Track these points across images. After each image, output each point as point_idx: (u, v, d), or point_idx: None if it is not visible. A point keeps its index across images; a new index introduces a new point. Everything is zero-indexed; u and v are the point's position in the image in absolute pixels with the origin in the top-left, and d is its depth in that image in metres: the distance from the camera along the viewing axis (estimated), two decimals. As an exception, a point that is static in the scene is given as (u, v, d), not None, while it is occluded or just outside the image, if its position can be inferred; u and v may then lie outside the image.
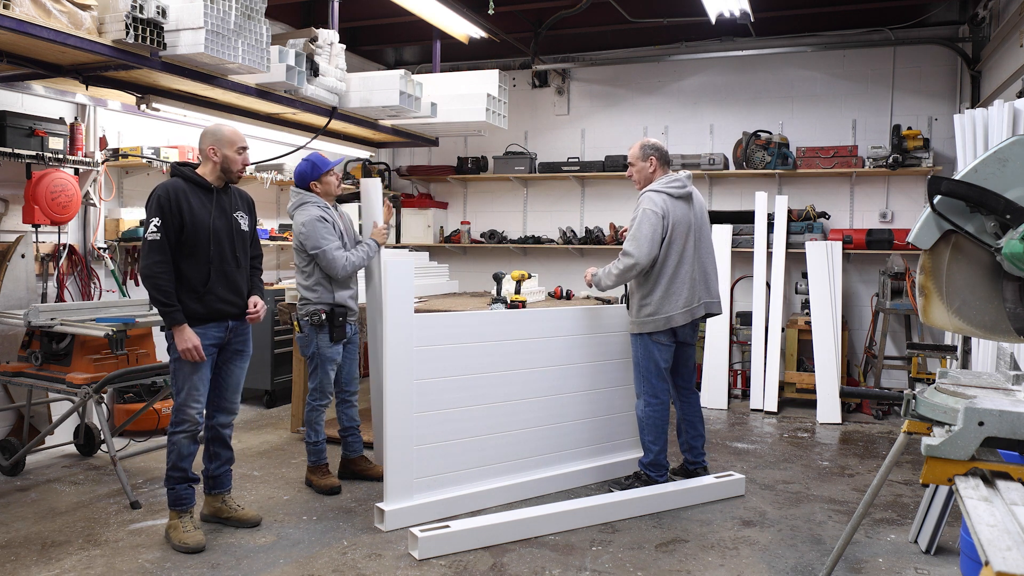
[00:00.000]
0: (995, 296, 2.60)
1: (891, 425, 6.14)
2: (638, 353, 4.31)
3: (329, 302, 4.19)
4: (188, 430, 3.57)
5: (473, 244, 8.30)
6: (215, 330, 3.60)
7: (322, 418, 4.34)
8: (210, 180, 3.61)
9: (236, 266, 3.64)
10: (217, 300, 3.57)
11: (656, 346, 4.25)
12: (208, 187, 3.60)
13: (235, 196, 3.75)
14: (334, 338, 4.20)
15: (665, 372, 4.29)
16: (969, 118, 5.04)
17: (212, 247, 3.54)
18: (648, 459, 4.32)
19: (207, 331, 3.56)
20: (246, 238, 3.74)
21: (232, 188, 3.75)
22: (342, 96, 5.42)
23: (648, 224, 4.13)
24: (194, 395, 3.56)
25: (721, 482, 4.35)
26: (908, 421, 2.65)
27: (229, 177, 3.65)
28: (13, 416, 4.88)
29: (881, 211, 7.16)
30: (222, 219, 3.60)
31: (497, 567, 3.39)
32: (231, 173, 3.64)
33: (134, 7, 3.78)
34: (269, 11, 4.51)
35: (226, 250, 3.60)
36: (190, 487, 3.63)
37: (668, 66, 7.80)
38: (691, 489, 4.25)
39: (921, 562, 3.51)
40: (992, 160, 2.52)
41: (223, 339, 3.65)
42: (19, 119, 4.63)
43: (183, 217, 3.47)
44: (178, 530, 3.54)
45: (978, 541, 1.57)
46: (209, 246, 3.53)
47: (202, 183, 3.59)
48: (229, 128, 3.66)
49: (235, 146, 3.63)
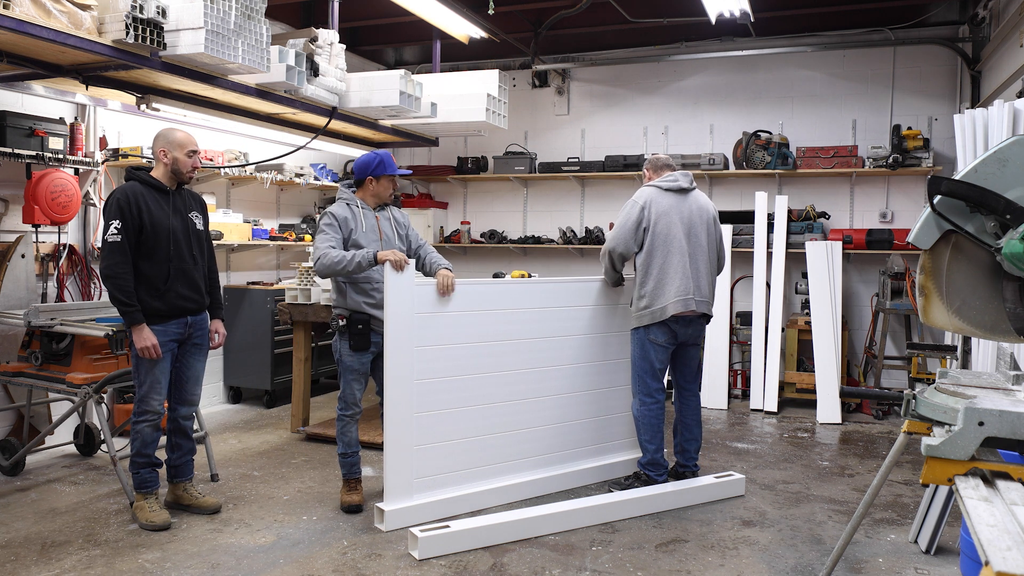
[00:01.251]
0: (995, 296, 2.60)
1: (891, 425, 6.14)
2: (635, 352, 4.35)
3: (343, 306, 4.04)
4: (150, 420, 3.79)
5: (473, 244, 8.30)
6: (175, 326, 3.80)
7: (349, 429, 4.08)
8: (164, 182, 3.79)
9: (193, 264, 3.85)
10: (177, 297, 3.77)
11: (652, 346, 4.26)
12: (163, 189, 3.78)
13: (188, 197, 3.94)
14: (353, 346, 3.99)
15: (659, 372, 4.31)
16: (969, 118, 5.04)
17: (171, 247, 3.74)
18: (646, 459, 4.33)
19: (168, 327, 3.76)
20: (202, 237, 3.95)
21: (184, 190, 3.93)
22: (342, 96, 5.42)
23: (624, 213, 4.35)
24: (156, 388, 3.78)
25: (721, 482, 4.35)
26: (908, 421, 2.65)
27: (180, 178, 3.83)
28: (13, 416, 4.88)
29: (881, 211, 7.16)
30: (178, 219, 3.80)
31: (497, 567, 3.39)
32: (181, 175, 3.81)
33: (134, 7, 3.78)
34: (269, 11, 4.51)
35: (183, 249, 3.80)
36: (154, 471, 3.86)
37: (668, 66, 7.80)
38: (691, 489, 4.25)
39: (921, 562, 3.51)
40: (992, 160, 2.52)
41: (183, 334, 3.86)
42: (19, 119, 4.63)
43: (142, 219, 3.65)
44: (144, 510, 3.79)
45: (978, 541, 1.57)
46: (168, 246, 3.72)
47: (157, 185, 3.77)
48: (181, 132, 3.84)
49: (185, 149, 3.79)
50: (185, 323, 3.83)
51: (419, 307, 3.86)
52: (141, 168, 3.89)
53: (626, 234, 4.29)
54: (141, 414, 3.78)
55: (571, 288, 4.50)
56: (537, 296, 4.35)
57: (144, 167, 3.87)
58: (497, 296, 4.21)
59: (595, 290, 4.56)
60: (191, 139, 3.84)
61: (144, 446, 3.81)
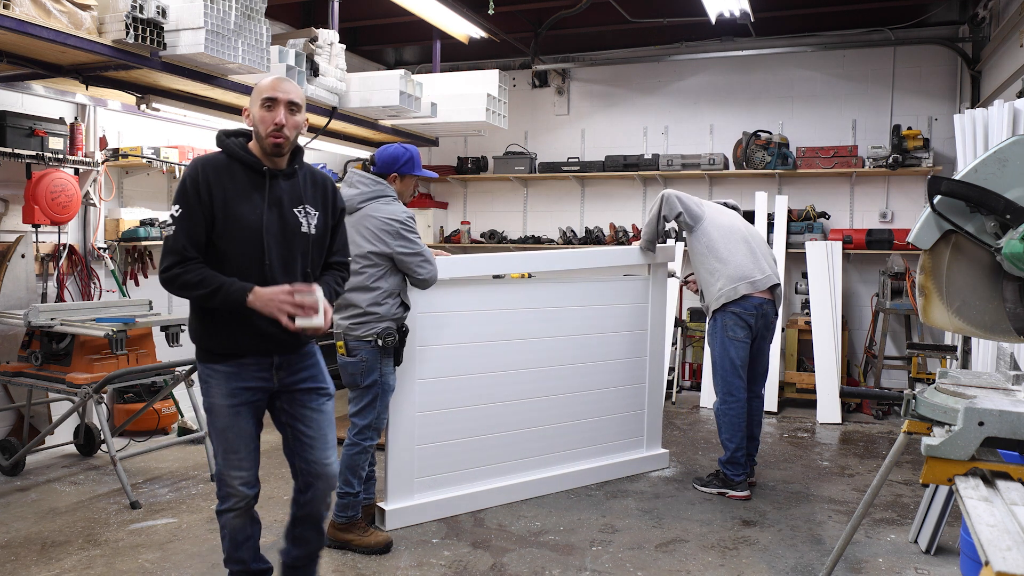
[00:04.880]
0: (995, 296, 2.60)
1: (891, 425, 6.14)
2: (715, 351, 4.40)
3: (386, 317, 3.41)
4: (234, 506, 2.64)
5: (473, 244, 8.29)
6: (254, 370, 2.60)
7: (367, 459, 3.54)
8: (258, 156, 2.59)
9: (289, 283, 2.53)
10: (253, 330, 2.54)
11: (732, 343, 4.31)
12: (255, 166, 2.58)
13: (305, 181, 2.69)
14: (397, 362, 3.54)
15: (741, 370, 4.34)
16: (969, 118, 5.03)
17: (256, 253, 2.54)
18: (725, 457, 4.35)
19: (243, 370, 2.59)
20: (310, 242, 2.64)
21: (305, 170, 2.72)
22: (342, 96, 5.42)
23: None
24: (232, 460, 2.61)
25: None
26: (908, 421, 2.65)
27: (267, 148, 2.55)
28: (13, 416, 4.88)
29: (881, 211, 7.16)
30: (274, 213, 2.57)
31: (497, 567, 3.39)
32: (263, 142, 2.55)
33: (134, 7, 3.78)
34: (269, 11, 4.51)
35: (273, 259, 2.55)
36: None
37: (668, 66, 7.79)
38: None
39: (921, 562, 3.51)
40: (992, 160, 2.52)
41: (268, 380, 2.63)
42: (19, 119, 4.63)
43: (214, 208, 2.50)
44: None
45: (978, 541, 1.56)
46: (251, 251, 2.53)
47: (247, 160, 2.57)
48: (269, 78, 2.62)
49: (260, 96, 2.54)
50: (270, 364, 2.62)
51: (421, 307, 3.86)
52: (239, 133, 2.65)
53: None
54: (221, 499, 2.67)
55: (571, 288, 4.50)
56: (537, 296, 4.35)
57: (244, 131, 2.66)
58: (497, 296, 4.22)
59: (595, 290, 4.56)
60: (274, 83, 2.55)
61: (234, 547, 2.69)
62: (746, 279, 4.29)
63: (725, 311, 4.32)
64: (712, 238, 4.38)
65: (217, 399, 2.59)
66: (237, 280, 2.48)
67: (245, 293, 2.46)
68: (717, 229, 4.40)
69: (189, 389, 4.54)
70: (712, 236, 4.39)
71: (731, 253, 4.34)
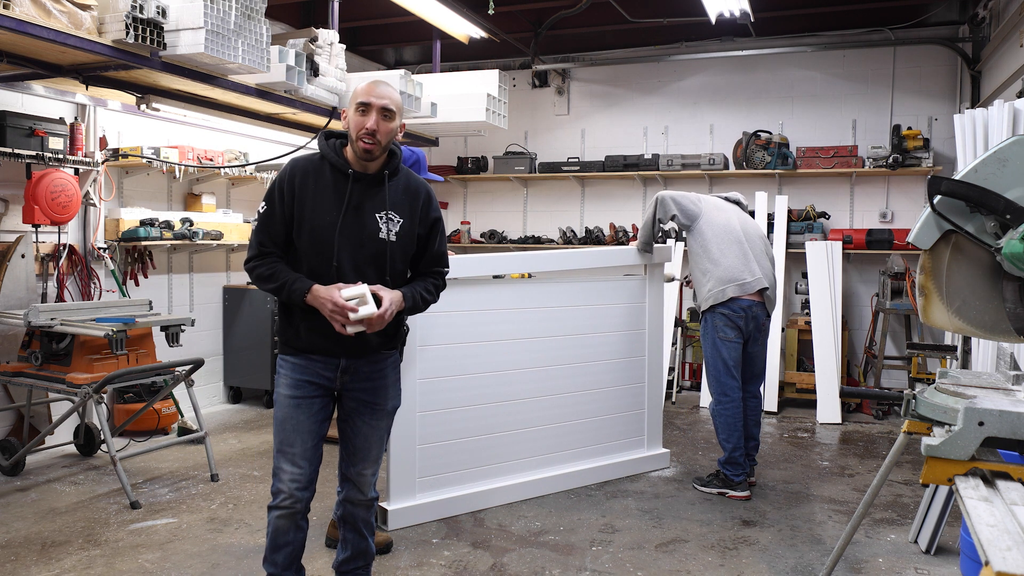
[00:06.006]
0: (995, 296, 2.60)
1: (891, 425, 6.14)
2: (707, 352, 4.42)
3: None
4: (280, 504, 2.61)
5: (473, 244, 8.29)
6: (319, 366, 2.61)
7: None
8: (350, 159, 2.59)
9: None
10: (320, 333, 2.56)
11: (723, 344, 4.32)
12: (342, 169, 2.57)
13: (399, 188, 2.65)
14: None
15: (734, 370, 4.35)
16: (969, 118, 5.03)
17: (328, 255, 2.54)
18: (724, 457, 4.36)
19: (310, 365, 2.60)
20: (387, 250, 2.59)
21: (400, 176, 2.66)
22: (342, 96, 5.42)
23: None
24: (286, 453, 2.60)
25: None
26: (908, 421, 2.65)
27: (358, 153, 2.54)
28: (13, 416, 4.88)
29: (881, 211, 7.16)
30: (353, 217, 2.55)
31: (497, 567, 3.39)
32: (354, 146, 2.54)
33: (134, 7, 3.78)
34: (269, 11, 4.51)
35: (343, 261, 2.54)
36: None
37: (668, 66, 7.79)
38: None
39: (921, 562, 3.51)
40: (992, 160, 2.52)
41: (332, 381, 2.63)
42: (19, 119, 4.62)
43: (295, 207, 2.54)
44: None
45: (978, 541, 1.56)
46: (324, 252, 2.54)
47: (335, 163, 2.58)
48: (368, 81, 2.60)
49: (356, 101, 2.53)
50: (336, 365, 2.61)
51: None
52: (340, 135, 2.66)
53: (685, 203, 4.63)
54: (272, 494, 2.65)
55: (571, 288, 4.50)
56: (537, 296, 4.36)
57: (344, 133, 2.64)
58: (497, 296, 4.22)
59: (595, 290, 4.56)
60: (368, 88, 2.54)
61: (273, 548, 2.63)
62: (735, 281, 4.29)
63: (714, 312, 4.35)
64: (706, 238, 4.41)
65: (282, 389, 2.65)
66: (304, 277, 2.54)
67: (306, 291, 2.50)
68: (712, 228, 4.41)
69: (189, 389, 4.54)
70: (706, 236, 4.41)
71: (723, 254, 4.35)
